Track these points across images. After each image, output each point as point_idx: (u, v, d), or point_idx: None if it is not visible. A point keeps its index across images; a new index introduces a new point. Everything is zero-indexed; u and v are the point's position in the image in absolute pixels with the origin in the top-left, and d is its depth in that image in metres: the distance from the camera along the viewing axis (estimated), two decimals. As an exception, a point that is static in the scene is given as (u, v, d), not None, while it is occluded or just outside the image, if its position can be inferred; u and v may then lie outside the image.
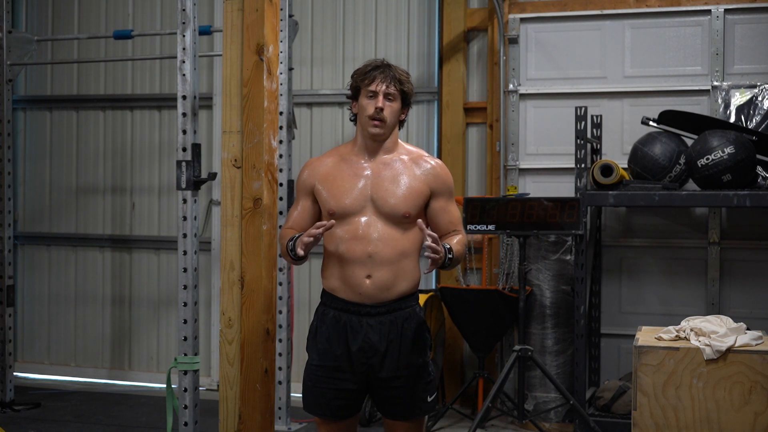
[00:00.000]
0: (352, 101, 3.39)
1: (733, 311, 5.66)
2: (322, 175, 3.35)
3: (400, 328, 3.30)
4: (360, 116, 3.34)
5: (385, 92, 3.28)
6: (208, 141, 6.93)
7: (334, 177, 3.32)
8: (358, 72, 3.35)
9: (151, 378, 7.13)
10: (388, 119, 3.29)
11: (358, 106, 3.35)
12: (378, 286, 3.26)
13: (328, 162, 3.37)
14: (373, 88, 3.28)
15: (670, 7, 6.07)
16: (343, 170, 3.33)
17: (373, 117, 3.28)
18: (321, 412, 3.35)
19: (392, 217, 3.27)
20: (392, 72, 3.31)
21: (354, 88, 3.35)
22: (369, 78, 3.29)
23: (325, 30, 6.87)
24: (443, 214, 3.39)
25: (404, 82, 3.33)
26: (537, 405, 5.84)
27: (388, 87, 3.28)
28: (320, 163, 3.39)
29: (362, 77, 3.31)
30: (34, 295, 7.51)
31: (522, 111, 6.30)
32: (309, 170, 3.39)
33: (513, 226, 5.46)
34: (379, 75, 3.29)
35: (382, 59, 3.39)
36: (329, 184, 3.32)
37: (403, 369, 3.30)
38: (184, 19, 4.48)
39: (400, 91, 3.31)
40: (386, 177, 3.31)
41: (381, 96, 3.28)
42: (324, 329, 3.32)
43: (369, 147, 3.35)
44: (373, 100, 3.28)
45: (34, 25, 7.49)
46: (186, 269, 4.47)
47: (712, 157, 5.30)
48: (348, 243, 3.25)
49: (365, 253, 3.24)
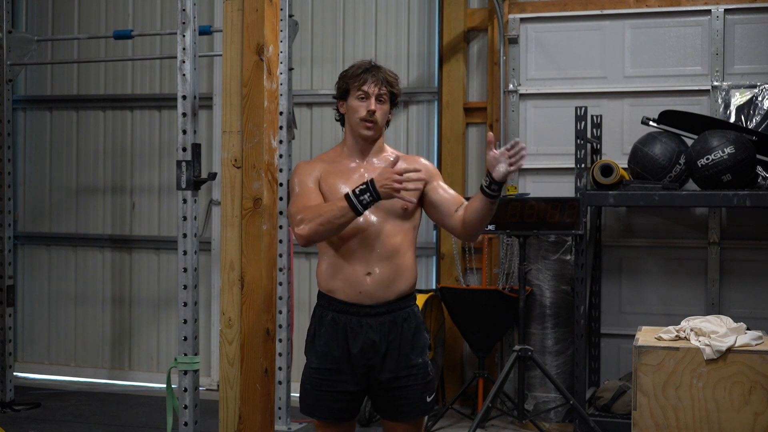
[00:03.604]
0: (338, 101, 3.39)
1: (733, 311, 5.65)
2: (320, 177, 3.34)
3: (399, 329, 3.30)
4: (350, 117, 3.34)
5: (377, 94, 3.29)
6: (208, 141, 6.93)
7: (331, 178, 3.32)
8: (347, 73, 3.34)
9: (151, 378, 7.14)
10: (379, 121, 3.31)
11: (346, 107, 3.34)
12: (378, 283, 3.25)
13: (321, 167, 3.36)
14: (365, 89, 3.29)
15: (670, 7, 6.07)
16: (338, 171, 3.33)
17: (365, 119, 3.29)
18: (322, 415, 3.35)
19: (391, 211, 3.27)
20: (382, 74, 3.32)
21: (343, 89, 3.34)
22: (360, 80, 3.29)
23: (325, 30, 6.87)
24: (446, 195, 3.35)
25: (393, 84, 3.34)
26: (537, 405, 5.84)
27: (380, 89, 3.29)
28: (314, 166, 3.36)
29: (353, 79, 3.31)
30: (34, 295, 7.51)
31: (522, 111, 6.30)
32: (308, 169, 3.35)
33: (513, 226, 5.46)
34: (370, 77, 3.29)
35: (370, 60, 3.39)
36: (327, 186, 3.31)
37: (403, 369, 3.30)
38: (184, 19, 4.47)
39: (389, 93, 3.33)
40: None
41: (373, 98, 3.29)
42: (323, 332, 3.32)
43: (360, 148, 3.35)
44: (365, 102, 3.29)
45: (34, 25, 7.49)
46: (186, 269, 4.47)
47: (712, 157, 5.29)
48: (347, 241, 3.25)
49: (366, 249, 3.24)
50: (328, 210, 3.12)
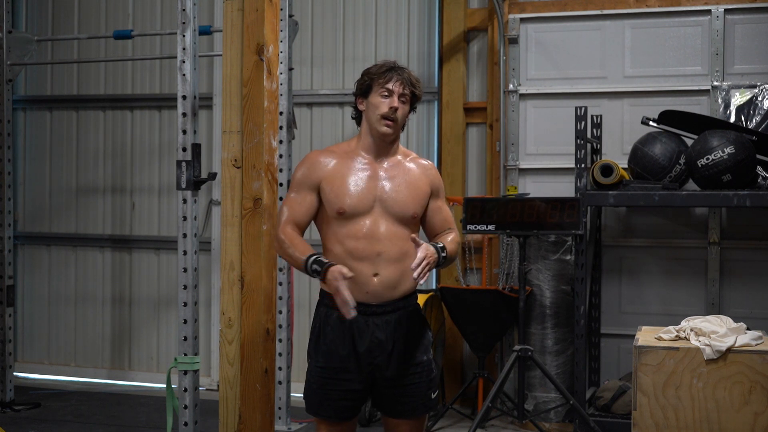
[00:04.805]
0: (358, 98, 3.39)
1: (733, 311, 5.65)
2: (328, 173, 3.32)
3: (405, 327, 3.33)
4: (370, 114, 3.33)
5: (401, 93, 3.30)
6: (208, 141, 6.93)
7: (342, 176, 3.31)
8: (372, 70, 3.35)
9: (151, 378, 7.14)
10: (399, 120, 3.32)
11: (367, 104, 3.34)
12: (385, 285, 3.27)
13: (333, 160, 3.35)
14: (389, 86, 3.29)
15: (670, 7, 6.06)
16: (350, 169, 3.32)
17: (387, 116, 3.29)
18: (326, 414, 3.36)
19: (400, 217, 3.30)
20: (407, 74, 3.34)
21: (365, 85, 3.34)
22: (385, 77, 3.31)
23: (325, 30, 6.87)
24: (438, 214, 3.44)
25: (417, 86, 3.36)
26: (537, 405, 5.84)
27: (404, 88, 3.31)
28: (325, 160, 3.35)
29: (378, 76, 3.31)
30: (34, 295, 7.51)
31: (522, 111, 6.30)
32: (314, 166, 3.34)
33: (513, 226, 5.46)
34: (395, 75, 3.31)
35: (394, 61, 3.41)
36: (337, 184, 3.30)
37: (409, 367, 3.33)
38: (184, 19, 4.48)
39: (411, 94, 3.34)
40: (395, 178, 3.33)
41: (396, 96, 3.30)
42: (328, 330, 3.32)
43: (376, 146, 3.35)
44: (388, 99, 3.30)
45: (34, 25, 7.49)
46: (186, 269, 4.47)
47: (712, 157, 5.29)
48: (356, 241, 3.26)
49: (373, 251, 3.25)
50: (294, 253, 3.24)
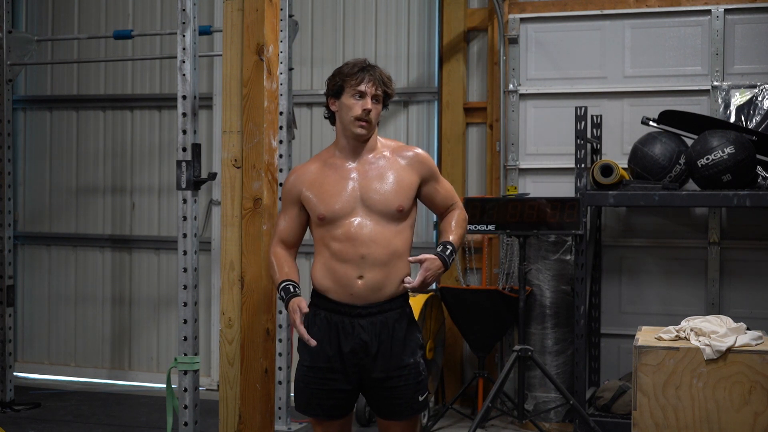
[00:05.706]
0: (330, 98, 3.38)
1: (733, 311, 5.65)
2: (308, 181, 3.35)
3: (391, 329, 3.31)
4: (344, 115, 3.32)
5: (373, 93, 3.29)
6: (208, 141, 6.93)
7: (320, 182, 3.32)
8: (344, 70, 3.33)
9: (151, 378, 7.14)
10: (373, 120, 3.31)
11: (340, 105, 3.33)
12: (370, 287, 3.27)
13: (313, 168, 3.37)
14: (361, 88, 3.28)
15: (670, 7, 6.06)
16: (329, 174, 3.33)
17: (360, 118, 3.28)
18: (314, 413, 3.37)
19: (385, 213, 3.28)
20: (379, 73, 3.32)
21: (337, 86, 3.33)
22: (357, 78, 3.29)
23: (325, 30, 6.87)
24: (437, 194, 3.46)
25: (388, 85, 3.35)
26: (537, 405, 5.84)
27: (377, 88, 3.30)
28: (305, 170, 3.39)
29: (350, 77, 3.29)
30: (34, 295, 7.51)
31: (522, 111, 6.30)
32: (294, 180, 3.39)
33: (513, 226, 5.46)
34: (367, 76, 3.29)
35: (364, 59, 3.39)
36: (316, 190, 3.32)
37: (395, 369, 3.31)
38: (184, 19, 4.48)
39: (384, 93, 3.34)
40: (373, 175, 3.31)
41: (369, 97, 3.29)
42: (315, 330, 3.33)
43: (352, 147, 3.35)
44: (361, 101, 3.29)
45: (34, 25, 7.49)
46: (186, 269, 4.47)
47: (712, 157, 5.29)
48: (340, 244, 3.26)
49: (358, 254, 3.24)
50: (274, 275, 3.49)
